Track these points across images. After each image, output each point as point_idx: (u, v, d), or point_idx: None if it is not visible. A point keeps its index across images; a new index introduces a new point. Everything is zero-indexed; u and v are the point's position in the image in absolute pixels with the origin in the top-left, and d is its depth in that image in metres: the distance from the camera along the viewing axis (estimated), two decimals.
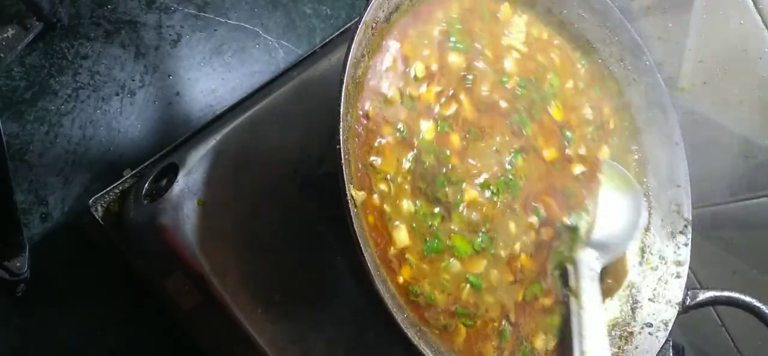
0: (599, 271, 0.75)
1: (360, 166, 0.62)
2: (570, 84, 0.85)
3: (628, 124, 0.89)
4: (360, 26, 0.60)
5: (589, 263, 0.75)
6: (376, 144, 0.64)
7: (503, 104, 0.76)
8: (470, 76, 0.74)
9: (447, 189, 0.68)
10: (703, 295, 0.81)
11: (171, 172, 0.76)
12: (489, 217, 0.70)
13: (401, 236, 0.63)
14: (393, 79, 0.67)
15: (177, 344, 0.86)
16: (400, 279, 0.63)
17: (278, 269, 0.72)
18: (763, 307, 0.78)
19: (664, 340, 0.78)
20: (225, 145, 0.75)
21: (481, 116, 0.74)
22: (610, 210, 0.78)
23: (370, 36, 0.64)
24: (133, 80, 0.91)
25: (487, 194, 0.71)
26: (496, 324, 0.69)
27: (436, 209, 0.67)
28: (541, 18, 0.85)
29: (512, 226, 0.72)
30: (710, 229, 0.99)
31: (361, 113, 0.64)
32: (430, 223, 0.66)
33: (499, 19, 0.81)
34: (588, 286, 0.72)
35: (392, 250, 0.63)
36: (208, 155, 0.74)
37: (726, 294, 0.80)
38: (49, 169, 0.83)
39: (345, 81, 0.57)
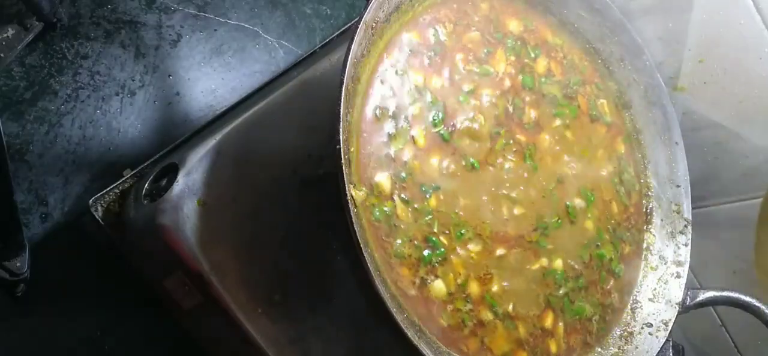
0: None
1: None
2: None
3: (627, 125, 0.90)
4: (360, 26, 0.60)
5: None
6: None
7: None
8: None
9: None
10: (703, 295, 0.81)
11: (171, 172, 0.76)
12: None
13: None
14: None
15: (177, 344, 0.86)
16: None
17: (278, 269, 0.72)
18: (763, 307, 0.78)
19: (664, 340, 0.78)
20: (225, 145, 0.75)
21: None
22: None
23: (370, 36, 0.64)
24: (133, 80, 0.91)
25: None
26: None
27: None
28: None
29: None
30: (710, 229, 0.99)
31: None
32: None
33: None
34: None
35: None
36: (208, 155, 0.74)
37: (726, 293, 0.80)
38: (49, 169, 0.83)
39: (345, 81, 0.57)
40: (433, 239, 0.66)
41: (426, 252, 0.65)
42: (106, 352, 0.86)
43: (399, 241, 0.63)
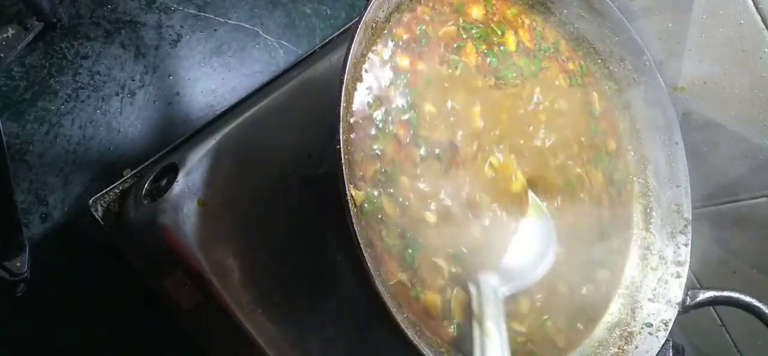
0: (503, 298, 0.70)
1: None
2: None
3: (628, 125, 0.90)
4: (360, 26, 0.60)
5: (494, 288, 0.69)
6: None
7: None
8: None
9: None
10: (703, 295, 0.81)
11: (171, 172, 0.76)
12: None
13: None
14: None
15: (177, 344, 0.86)
16: None
17: (278, 269, 0.72)
18: (763, 307, 0.78)
19: (664, 340, 0.78)
20: (225, 145, 0.75)
21: None
22: (521, 239, 0.74)
23: (370, 36, 0.64)
24: (133, 80, 0.91)
25: None
26: None
27: None
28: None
29: None
30: (710, 229, 0.99)
31: None
32: None
33: None
34: (492, 311, 0.66)
35: None
36: (208, 155, 0.74)
37: (726, 293, 0.80)
38: (49, 169, 0.83)
39: (345, 81, 0.57)
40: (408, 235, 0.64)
41: (409, 251, 0.64)
42: (107, 352, 0.86)
43: (384, 231, 0.62)
